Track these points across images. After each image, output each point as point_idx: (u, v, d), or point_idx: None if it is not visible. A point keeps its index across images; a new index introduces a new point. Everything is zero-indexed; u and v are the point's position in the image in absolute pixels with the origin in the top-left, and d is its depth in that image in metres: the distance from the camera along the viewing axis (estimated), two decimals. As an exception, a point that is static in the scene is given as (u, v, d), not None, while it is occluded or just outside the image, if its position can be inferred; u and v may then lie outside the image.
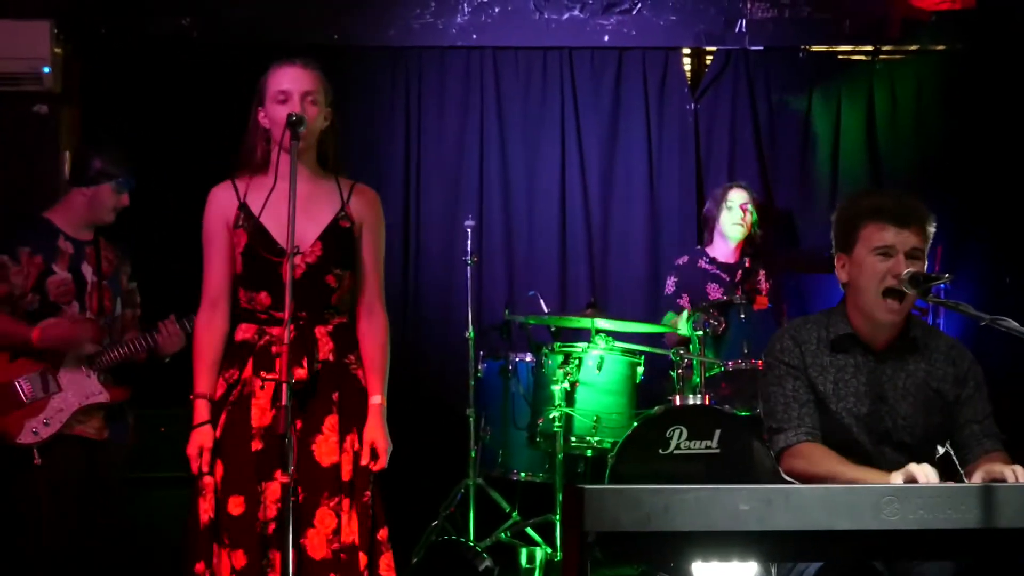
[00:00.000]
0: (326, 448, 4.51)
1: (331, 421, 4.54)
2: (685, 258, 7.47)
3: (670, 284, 7.48)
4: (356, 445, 4.58)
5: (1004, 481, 3.85)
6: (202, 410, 4.51)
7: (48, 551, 5.69)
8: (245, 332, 4.57)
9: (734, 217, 7.33)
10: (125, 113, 7.40)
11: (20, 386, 5.66)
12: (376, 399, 4.66)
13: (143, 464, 6.08)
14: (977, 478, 3.94)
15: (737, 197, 7.34)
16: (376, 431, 4.61)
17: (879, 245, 4.13)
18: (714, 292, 7.31)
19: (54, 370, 5.69)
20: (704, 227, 7.57)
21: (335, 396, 4.58)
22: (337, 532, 4.48)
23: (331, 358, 4.60)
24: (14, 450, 5.64)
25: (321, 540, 4.44)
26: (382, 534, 4.61)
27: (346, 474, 4.54)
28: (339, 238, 4.64)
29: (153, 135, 7.37)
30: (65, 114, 7.39)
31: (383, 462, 4.59)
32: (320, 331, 4.57)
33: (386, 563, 4.60)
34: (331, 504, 4.49)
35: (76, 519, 5.70)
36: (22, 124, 7.27)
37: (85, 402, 5.71)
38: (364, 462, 4.57)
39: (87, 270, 5.83)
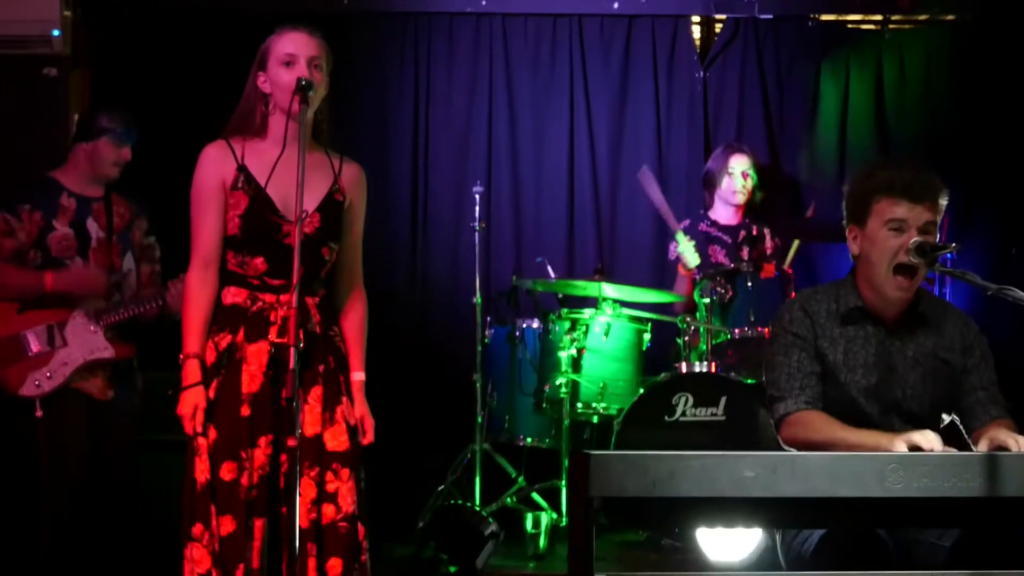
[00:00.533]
0: (311, 418, 4.49)
1: (316, 392, 4.53)
2: (687, 221, 7.45)
3: (672, 249, 7.47)
4: (350, 417, 4.59)
5: (1008, 450, 3.86)
6: (194, 370, 4.44)
7: (49, 505, 5.69)
8: (235, 296, 4.52)
9: (735, 184, 7.32)
10: (134, 76, 7.41)
11: (27, 338, 5.67)
12: (359, 375, 4.68)
13: (151, 427, 6.07)
14: (983, 445, 3.94)
15: (738, 164, 7.31)
16: (363, 407, 4.64)
17: (891, 219, 4.12)
18: (716, 255, 7.31)
19: (61, 325, 5.69)
20: (705, 189, 7.55)
21: (321, 368, 4.56)
22: (316, 503, 4.48)
23: (318, 330, 4.59)
24: (17, 402, 5.66)
25: (302, 510, 4.40)
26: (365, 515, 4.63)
27: (335, 446, 4.53)
28: (334, 211, 4.64)
29: (161, 98, 7.37)
30: (74, 77, 7.40)
31: (371, 437, 4.62)
32: (310, 302, 4.55)
33: (365, 540, 4.62)
34: (311, 474, 4.46)
35: (77, 475, 5.70)
36: (32, 86, 7.28)
37: (90, 357, 5.69)
38: (363, 440, 4.61)
39: (93, 226, 5.82)
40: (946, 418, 4.13)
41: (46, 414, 5.64)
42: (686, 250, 7.10)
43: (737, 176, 7.30)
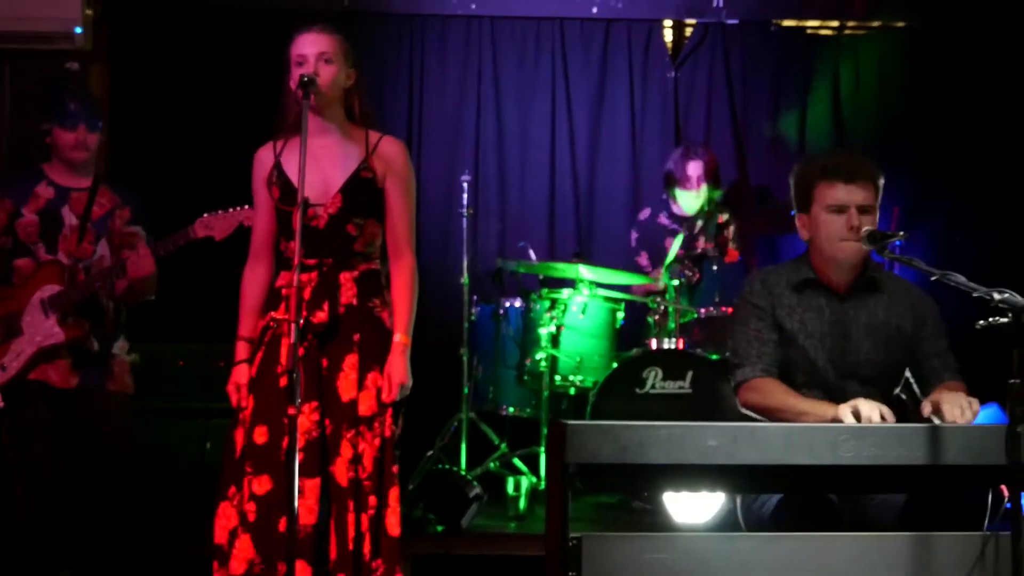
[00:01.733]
0: (346, 384, 4.52)
1: (351, 360, 4.54)
2: (647, 212, 7.47)
3: (633, 238, 7.49)
4: (379, 382, 4.58)
5: (943, 409, 3.86)
6: (241, 351, 4.55)
7: (22, 498, 5.52)
8: (282, 279, 4.59)
9: (689, 195, 7.31)
10: (151, 70, 7.38)
11: None
12: (398, 337, 4.64)
13: (164, 395, 6.06)
14: (926, 408, 3.95)
15: (694, 170, 7.28)
16: (394, 366, 4.59)
17: (831, 203, 4.19)
18: (672, 245, 7.29)
19: (17, 315, 5.44)
20: (665, 184, 7.54)
21: (356, 337, 4.57)
22: (354, 461, 4.51)
23: (354, 302, 4.59)
24: None
25: (341, 469, 4.47)
26: (395, 468, 4.62)
27: (364, 410, 4.55)
28: (361, 188, 4.62)
29: (176, 90, 7.36)
30: (95, 71, 7.36)
31: (394, 394, 4.58)
32: (344, 276, 4.55)
33: (395, 495, 4.61)
34: (349, 436, 4.50)
35: (48, 467, 5.47)
36: (54, 81, 7.24)
37: (43, 344, 5.41)
38: (383, 396, 4.58)
39: (68, 214, 5.58)
40: (896, 392, 4.18)
41: (8, 405, 5.41)
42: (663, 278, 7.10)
43: (692, 183, 7.29)
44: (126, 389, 5.65)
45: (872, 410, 3.80)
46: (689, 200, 7.33)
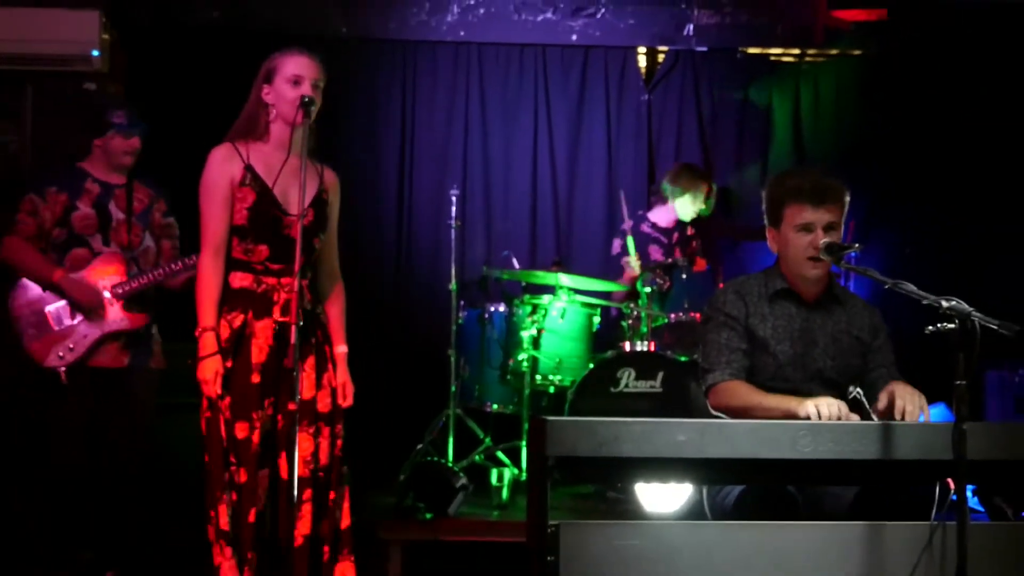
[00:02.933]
0: (307, 384, 4.55)
1: (310, 361, 4.59)
2: (630, 223, 7.46)
3: (616, 245, 7.49)
4: (333, 381, 4.64)
5: (896, 404, 3.88)
6: (211, 342, 4.45)
7: (49, 482, 5.60)
8: (242, 280, 4.53)
9: (687, 209, 7.34)
10: (163, 90, 7.37)
11: (50, 315, 5.52)
12: (342, 348, 4.72)
13: (171, 391, 6.03)
14: (883, 399, 3.96)
15: (699, 191, 7.34)
16: (345, 375, 4.69)
17: (799, 223, 4.18)
18: (654, 252, 7.33)
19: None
20: (651, 195, 7.56)
21: (312, 340, 4.62)
22: (314, 454, 4.53)
23: (309, 307, 4.61)
24: (44, 373, 5.49)
25: (300, 462, 4.44)
26: (344, 468, 4.66)
27: (322, 407, 4.59)
28: (322, 207, 4.67)
29: (183, 107, 7.35)
30: (112, 91, 7.35)
31: (351, 401, 4.68)
32: (303, 284, 4.56)
33: (347, 490, 4.64)
34: (309, 431, 4.53)
35: (91, 442, 5.55)
36: (73, 100, 7.23)
37: (107, 329, 5.54)
38: (341, 402, 4.64)
39: (114, 209, 5.69)
40: (852, 391, 4.18)
41: (71, 381, 5.49)
42: (631, 258, 7.11)
43: (694, 200, 7.32)
44: (161, 366, 5.80)
45: (832, 408, 3.82)
46: (687, 208, 7.34)
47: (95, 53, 6.96)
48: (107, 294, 5.53)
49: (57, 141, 7.22)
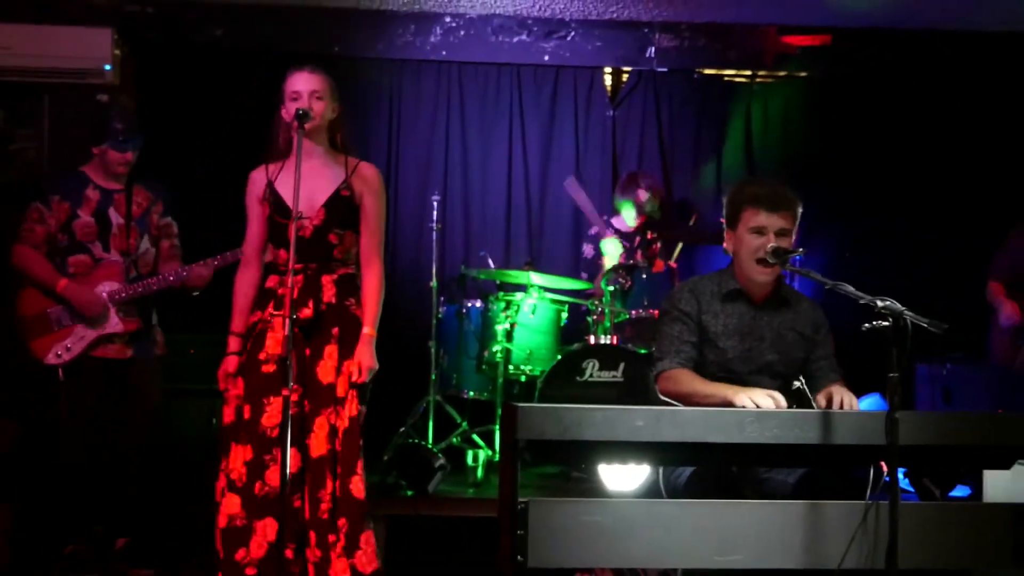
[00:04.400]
0: (325, 370, 4.56)
1: (330, 350, 4.58)
2: (596, 228, 7.48)
3: (587, 250, 7.50)
4: (349, 369, 4.61)
5: (834, 402, 3.91)
6: (233, 344, 4.55)
7: (68, 463, 5.56)
8: (270, 281, 4.63)
9: (632, 215, 7.36)
10: (170, 102, 7.35)
11: (51, 315, 5.49)
12: (366, 329, 4.66)
13: (176, 379, 6.01)
14: (821, 399, 3.99)
15: (643, 194, 7.34)
16: (363, 354, 4.61)
17: (754, 226, 4.20)
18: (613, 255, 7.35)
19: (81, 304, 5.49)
20: (613, 204, 7.58)
21: (335, 331, 4.61)
22: (331, 435, 4.54)
23: (333, 300, 4.63)
24: (43, 369, 5.48)
25: (320, 442, 4.50)
26: (359, 442, 4.63)
27: (340, 392, 4.59)
28: (340, 205, 4.65)
29: (189, 117, 7.33)
30: (123, 101, 7.29)
31: (364, 377, 4.59)
32: (326, 279, 4.59)
33: (360, 465, 4.62)
34: (327, 413, 4.54)
35: (95, 433, 5.53)
36: (87, 110, 7.20)
37: (102, 332, 5.49)
38: (354, 379, 4.59)
39: (113, 214, 5.62)
40: (796, 383, 4.20)
41: (70, 380, 5.48)
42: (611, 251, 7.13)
43: (637, 207, 7.33)
44: (163, 351, 5.76)
45: (766, 398, 3.83)
46: (631, 214, 7.35)
47: (107, 67, 6.97)
48: (105, 296, 5.49)
49: (72, 147, 7.17)
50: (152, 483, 5.64)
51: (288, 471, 4.32)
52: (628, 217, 7.40)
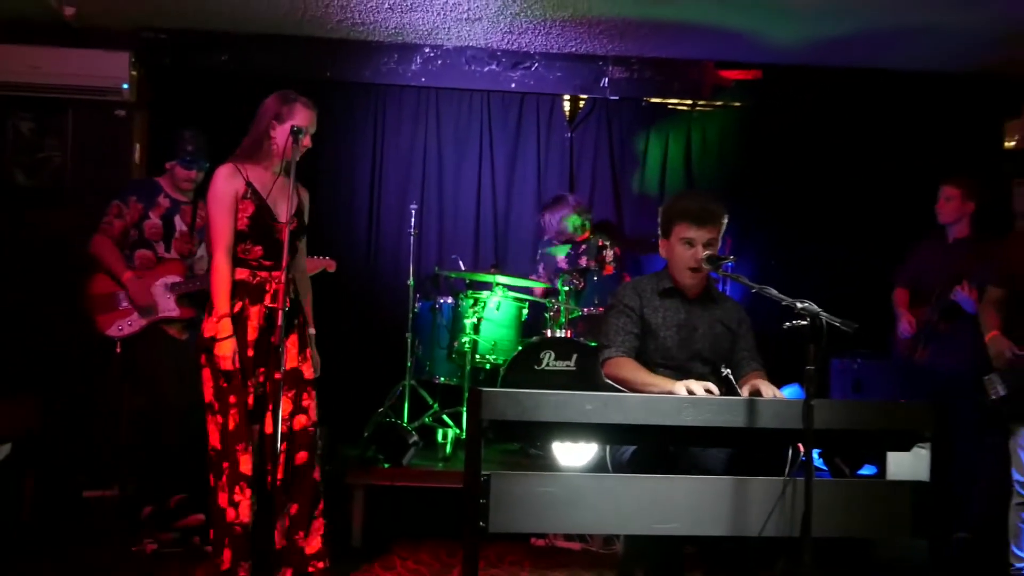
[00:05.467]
0: (289, 356, 4.61)
1: (293, 338, 4.65)
2: (547, 237, 7.51)
3: (538, 255, 7.53)
4: (309, 355, 4.73)
5: (761, 395, 3.93)
6: (228, 325, 4.48)
7: (131, 417, 5.89)
8: (240, 274, 4.56)
9: (558, 228, 7.37)
10: (181, 118, 7.28)
11: (120, 295, 5.69)
12: (312, 329, 4.82)
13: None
14: (745, 391, 4.02)
15: (562, 214, 7.37)
16: (315, 351, 4.80)
17: (684, 237, 4.24)
18: (560, 262, 7.35)
19: (144, 291, 5.71)
20: (545, 223, 7.57)
21: (296, 322, 4.70)
22: (292, 414, 4.57)
23: (293, 296, 4.69)
24: (104, 340, 5.70)
25: (283, 419, 4.51)
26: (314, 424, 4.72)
27: (307, 375, 4.68)
28: (301, 218, 4.74)
29: (201, 133, 7.31)
30: (138, 117, 7.31)
31: (318, 371, 4.78)
32: (288, 277, 4.58)
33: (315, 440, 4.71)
34: (290, 395, 4.59)
35: (150, 394, 5.69)
36: (106, 124, 7.20)
37: (161, 315, 5.70)
38: (308, 375, 4.69)
39: (179, 222, 5.83)
40: (724, 371, 4.23)
41: (127, 351, 5.70)
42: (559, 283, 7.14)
43: (560, 223, 7.35)
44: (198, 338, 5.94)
45: (700, 387, 3.86)
46: (565, 236, 7.37)
47: (125, 86, 6.97)
48: (166, 288, 5.71)
49: (93, 156, 7.20)
50: (196, 448, 5.71)
51: (279, 445, 4.36)
52: (568, 228, 7.40)
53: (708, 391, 3.86)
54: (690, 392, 3.84)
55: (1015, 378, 5.04)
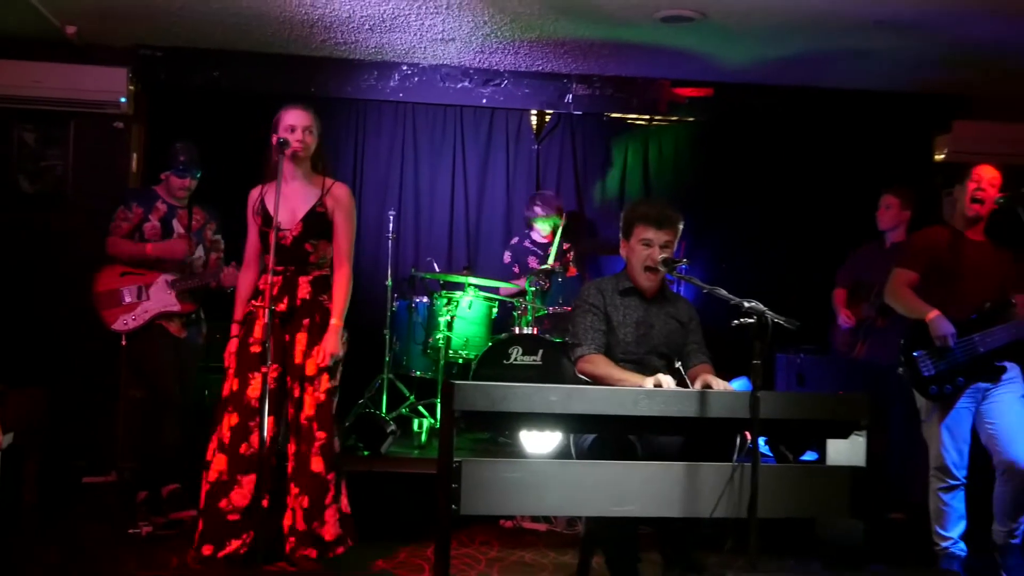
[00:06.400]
0: (297, 353, 4.60)
1: (300, 337, 4.62)
2: (516, 239, 7.52)
3: (507, 256, 7.52)
4: (317, 353, 4.63)
5: (711, 387, 3.93)
6: (234, 330, 4.61)
7: (130, 408, 5.91)
8: (263, 281, 4.60)
9: (543, 222, 7.37)
10: (175, 129, 7.24)
11: (123, 292, 5.71)
12: (333, 321, 4.67)
13: (212, 358, 6.03)
14: (697, 384, 4.02)
15: (544, 209, 7.37)
16: (328, 341, 4.64)
17: (643, 239, 4.25)
18: (532, 262, 7.35)
19: (148, 286, 5.73)
20: (525, 222, 7.57)
21: (306, 322, 4.65)
22: (299, 408, 4.54)
23: (308, 297, 4.66)
24: (110, 334, 5.71)
25: (291, 411, 4.59)
26: (332, 413, 4.70)
27: (309, 371, 4.61)
28: (315, 219, 4.67)
29: (193, 144, 7.27)
30: (135, 129, 7.27)
31: (326, 361, 4.62)
32: (302, 280, 4.61)
33: (327, 432, 4.65)
34: (297, 388, 4.52)
35: (170, 384, 5.70)
36: (105, 135, 7.15)
37: (163, 309, 5.71)
38: (320, 363, 4.61)
39: (176, 224, 5.85)
40: (677, 364, 4.25)
41: (131, 344, 5.70)
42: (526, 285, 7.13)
43: (540, 224, 7.36)
44: (204, 340, 6.05)
45: (670, 383, 3.86)
46: (544, 226, 7.37)
47: (123, 100, 6.93)
48: (167, 284, 5.74)
49: (92, 165, 7.15)
50: (190, 441, 5.70)
51: (266, 434, 4.34)
52: (540, 229, 7.42)
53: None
54: (658, 384, 3.85)
55: (943, 359, 4.98)
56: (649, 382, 3.87)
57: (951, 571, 4.82)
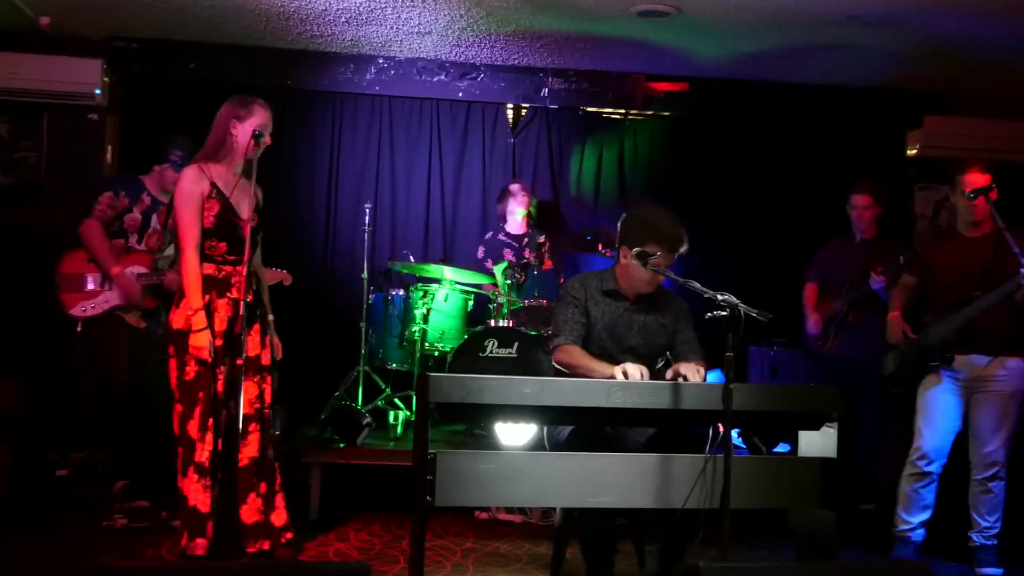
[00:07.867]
0: (252, 344, 4.58)
1: (256, 327, 4.62)
2: (491, 233, 7.50)
3: (480, 251, 7.50)
4: (268, 343, 4.67)
5: (686, 378, 3.96)
6: (203, 318, 4.41)
7: (93, 395, 5.83)
8: (207, 269, 4.48)
9: (515, 218, 7.38)
10: (150, 121, 7.24)
11: (87, 278, 5.67)
12: (271, 316, 4.75)
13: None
14: (669, 374, 4.05)
15: (520, 201, 7.38)
16: (276, 337, 4.76)
17: (651, 257, 4.18)
18: (507, 255, 7.34)
19: (111, 276, 5.69)
20: (499, 214, 7.57)
21: (258, 311, 4.66)
22: (259, 397, 4.54)
23: (255, 288, 4.66)
24: (66, 319, 5.66)
25: (247, 402, 4.52)
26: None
27: (265, 361, 4.63)
28: (260, 215, 4.68)
29: (188, 138, 7.27)
30: (109, 121, 7.23)
31: (280, 355, 4.75)
32: (250, 271, 4.54)
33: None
34: (255, 380, 4.56)
35: (120, 376, 5.68)
36: (80, 127, 7.12)
37: (124, 301, 5.66)
38: (266, 361, 4.65)
39: (154, 220, 5.80)
40: (660, 362, 4.27)
41: (87, 331, 5.65)
42: (499, 276, 7.12)
43: (518, 211, 7.37)
44: (165, 331, 5.92)
45: (636, 370, 3.88)
46: (516, 225, 7.38)
47: (97, 92, 6.90)
48: (134, 277, 5.67)
49: (67, 157, 7.12)
50: (146, 433, 5.69)
51: (239, 425, 4.34)
52: (517, 214, 7.42)
53: (643, 374, 3.90)
54: (625, 374, 3.87)
55: (902, 356, 5.17)
56: (617, 370, 3.90)
57: (919, 561, 4.86)
